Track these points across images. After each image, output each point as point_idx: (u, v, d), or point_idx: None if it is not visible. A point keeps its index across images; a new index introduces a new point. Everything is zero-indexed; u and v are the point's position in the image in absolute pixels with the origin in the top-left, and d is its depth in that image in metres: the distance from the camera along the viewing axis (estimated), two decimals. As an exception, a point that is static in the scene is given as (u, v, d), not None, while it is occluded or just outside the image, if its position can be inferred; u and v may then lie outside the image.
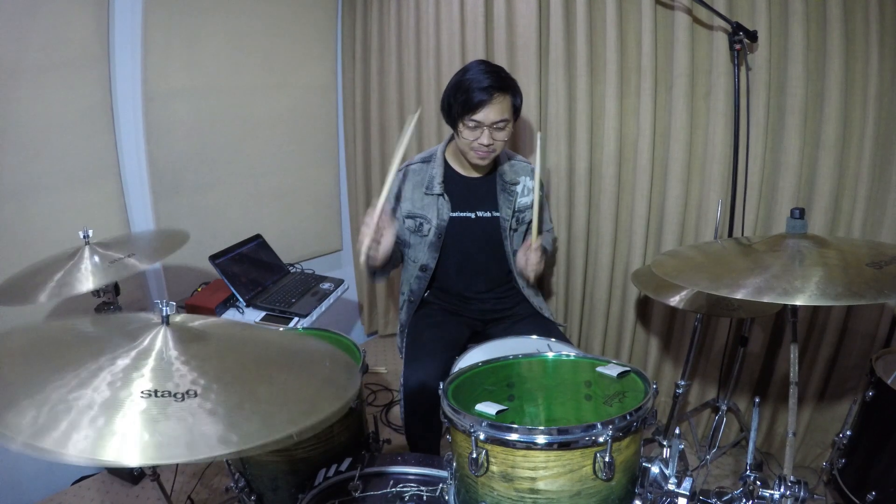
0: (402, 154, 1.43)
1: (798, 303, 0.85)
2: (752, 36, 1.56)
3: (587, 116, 1.91)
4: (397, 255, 1.67)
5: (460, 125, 1.51)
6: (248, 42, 2.25)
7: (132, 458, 0.60)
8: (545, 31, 1.96)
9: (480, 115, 1.47)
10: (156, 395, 0.67)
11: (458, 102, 1.49)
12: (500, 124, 1.49)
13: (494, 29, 2.06)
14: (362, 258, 1.44)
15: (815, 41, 1.53)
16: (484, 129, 1.48)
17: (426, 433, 1.50)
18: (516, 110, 1.54)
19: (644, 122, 1.81)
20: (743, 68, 1.60)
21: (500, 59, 2.04)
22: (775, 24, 1.58)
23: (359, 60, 2.58)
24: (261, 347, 0.90)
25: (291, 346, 0.94)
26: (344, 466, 1.14)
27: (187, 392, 0.68)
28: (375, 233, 1.41)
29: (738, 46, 1.55)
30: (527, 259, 1.58)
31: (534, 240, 1.55)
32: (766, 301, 0.86)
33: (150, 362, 0.72)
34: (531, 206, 1.70)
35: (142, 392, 0.67)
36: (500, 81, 1.47)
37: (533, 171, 1.70)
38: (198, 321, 0.88)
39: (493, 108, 1.46)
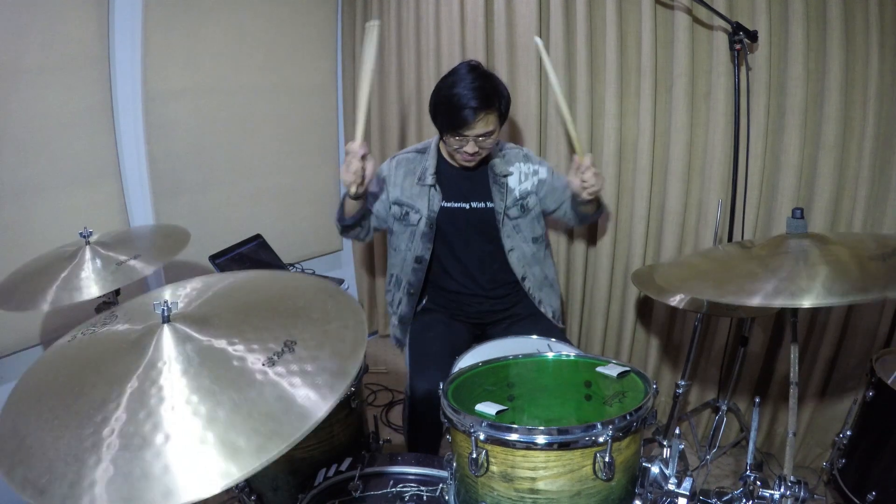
0: (370, 75, 1.41)
1: (805, 304, 0.85)
2: (752, 36, 1.56)
3: (587, 116, 1.91)
4: (366, 214, 1.68)
5: (445, 134, 1.54)
6: (248, 42, 2.25)
7: (237, 471, 0.57)
8: (545, 31, 1.96)
9: (465, 132, 1.49)
10: (203, 396, 0.65)
11: (443, 116, 1.50)
12: (486, 136, 1.50)
13: (494, 29, 2.06)
14: (352, 191, 1.46)
15: (815, 41, 1.53)
16: (469, 140, 1.50)
17: (428, 438, 1.53)
18: (502, 116, 1.54)
19: (644, 122, 1.81)
20: (743, 68, 1.60)
21: (500, 59, 2.04)
22: (775, 24, 1.58)
23: (359, 61, 2.58)
24: (258, 302, 0.85)
25: (284, 293, 0.89)
26: (344, 466, 1.13)
27: (246, 381, 0.67)
28: (362, 160, 1.42)
29: (738, 46, 1.55)
30: (582, 181, 1.49)
31: (579, 156, 1.48)
32: (777, 305, 0.86)
33: (177, 365, 0.69)
34: (532, 192, 1.66)
35: (188, 397, 0.65)
36: (486, 100, 1.46)
37: (525, 155, 1.68)
38: (183, 297, 0.84)
39: (477, 126, 1.47)
